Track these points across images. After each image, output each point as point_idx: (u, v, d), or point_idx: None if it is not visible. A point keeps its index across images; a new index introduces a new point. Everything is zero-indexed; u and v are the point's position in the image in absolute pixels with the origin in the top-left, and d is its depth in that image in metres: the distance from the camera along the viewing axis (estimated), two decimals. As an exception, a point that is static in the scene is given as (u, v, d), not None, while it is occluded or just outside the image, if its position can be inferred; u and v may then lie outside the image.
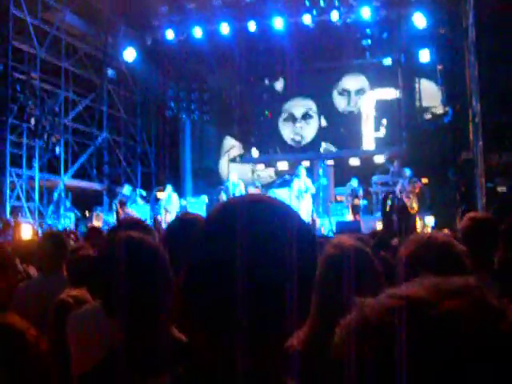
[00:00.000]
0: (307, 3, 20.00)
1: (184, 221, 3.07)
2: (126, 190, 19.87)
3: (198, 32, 21.31)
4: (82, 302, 3.57)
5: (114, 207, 19.66)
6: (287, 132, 24.31)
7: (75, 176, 21.07)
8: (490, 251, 3.91)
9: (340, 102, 23.74)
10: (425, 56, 20.04)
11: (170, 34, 21.63)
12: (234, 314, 1.19)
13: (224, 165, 25.00)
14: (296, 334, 1.39)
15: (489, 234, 4.07)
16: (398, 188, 17.59)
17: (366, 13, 19.71)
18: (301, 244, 1.25)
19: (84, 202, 21.33)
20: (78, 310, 3.11)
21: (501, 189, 16.20)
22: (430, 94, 21.74)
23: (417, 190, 17.36)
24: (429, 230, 15.37)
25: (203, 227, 1.31)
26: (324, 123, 23.87)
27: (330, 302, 2.45)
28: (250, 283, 1.19)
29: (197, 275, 1.26)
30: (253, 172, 24.40)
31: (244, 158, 24.82)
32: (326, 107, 23.82)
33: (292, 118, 24.28)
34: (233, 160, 24.92)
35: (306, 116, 24.14)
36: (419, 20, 19.40)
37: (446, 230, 10.44)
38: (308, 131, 24.08)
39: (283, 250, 1.21)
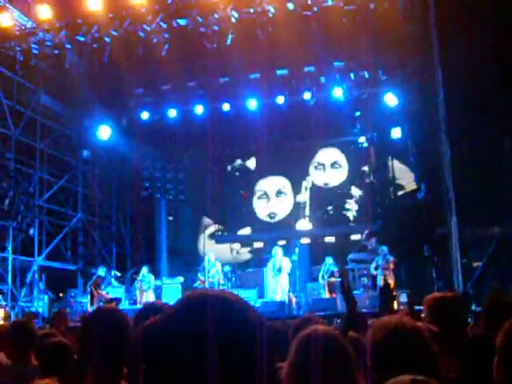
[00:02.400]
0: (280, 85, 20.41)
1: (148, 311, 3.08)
2: (101, 271, 19.69)
3: (172, 112, 21.55)
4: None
5: (89, 289, 19.42)
6: (261, 209, 24.35)
7: (49, 257, 20.80)
8: (457, 330, 3.85)
9: (316, 177, 23.87)
10: (397, 134, 20.38)
11: (145, 115, 21.83)
12: None
13: (202, 243, 24.89)
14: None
15: (454, 313, 4.04)
16: (373, 265, 17.65)
17: (337, 93, 20.09)
18: (261, 336, 1.33)
19: (58, 283, 21.01)
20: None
21: (476, 264, 16.26)
22: (403, 172, 21.98)
23: (391, 266, 17.39)
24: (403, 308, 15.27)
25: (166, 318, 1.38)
26: (302, 199, 23.92)
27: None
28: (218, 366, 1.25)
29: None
30: (231, 250, 24.31)
31: (219, 237, 24.76)
32: (300, 184, 23.95)
33: (266, 196, 24.36)
34: (211, 236, 24.81)
35: (279, 193, 24.24)
36: (390, 99, 19.80)
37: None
38: (282, 208, 24.13)
39: (247, 339, 1.30)
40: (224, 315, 1.33)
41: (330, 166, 23.77)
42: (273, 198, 24.30)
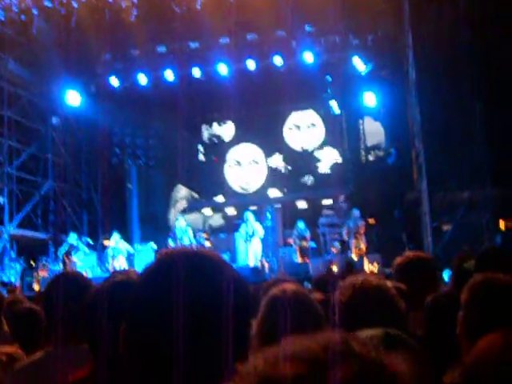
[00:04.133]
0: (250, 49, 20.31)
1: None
2: (71, 238, 19.62)
3: (142, 79, 21.34)
4: (15, 360, 3.47)
5: (60, 256, 19.37)
6: (234, 179, 24.31)
7: (20, 225, 20.67)
8: (426, 290, 3.90)
9: (291, 139, 23.84)
10: (369, 98, 20.37)
11: (114, 81, 21.60)
12: (176, 354, 1.22)
13: (173, 210, 24.87)
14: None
15: (423, 273, 4.10)
16: (344, 230, 17.78)
17: (308, 57, 20.02)
18: (234, 292, 1.31)
19: (29, 251, 20.90)
20: (16, 367, 3.03)
21: (446, 227, 16.45)
22: (374, 134, 22.04)
23: (362, 231, 17.53)
24: (375, 270, 15.48)
25: (141, 278, 1.38)
26: (273, 164, 23.90)
27: (271, 341, 2.44)
28: (189, 327, 1.24)
29: (136, 326, 1.31)
30: (204, 221, 24.30)
31: (190, 204, 24.74)
32: (273, 150, 23.93)
33: (238, 165, 24.32)
34: (183, 211, 24.72)
35: (252, 162, 24.20)
36: (359, 64, 19.79)
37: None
38: (255, 177, 24.11)
39: (217, 297, 1.28)
40: (194, 268, 1.32)
41: (306, 127, 23.72)
42: (245, 166, 24.25)
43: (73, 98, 21.97)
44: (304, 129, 23.72)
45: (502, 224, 15.64)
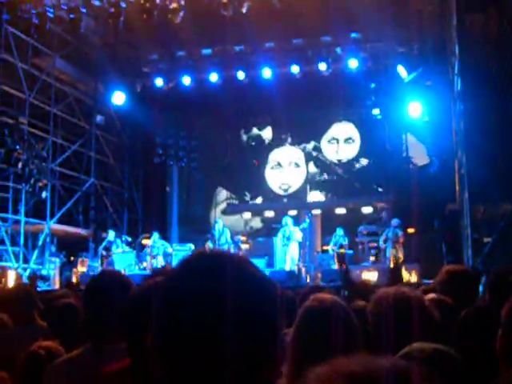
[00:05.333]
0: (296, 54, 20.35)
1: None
2: (110, 235, 19.83)
3: (187, 80, 21.53)
4: (54, 355, 3.51)
5: (100, 253, 19.58)
6: (274, 180, 24.34)
7: (61, 221, 20.95)
8: (467, 303, 3.87)
9: (329, 151, 23.84)
10: (413, 108, 20.18)
11: (159, 81, 21.83)
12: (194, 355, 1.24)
13: (212, 211, 24.97)
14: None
15: (465, 287, 4.07)
16: (382, 238, 17.67)
17: (353, 64, 19.98)
18: (254, 293, 1.32)
19: (69, 247, 21.18)
20: (56, 363, 3.07)
21: (486, 239, 16.22)
22: (415, 146, 21.85)
23: (401, 240, 17.41)
24: (414, 279, 15.37)
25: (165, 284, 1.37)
26: (313, 170, 23.91)
27: (307, 352, 2.47)
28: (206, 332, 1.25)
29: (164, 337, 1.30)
30: (244, 224, 24.36)
31: (230, 205, 24.82)
32: (314, 155, 23.92)
33: (279, 167, 24.35)
34: (223, 212, 24.83)
35: (293, 164, 24.21)
36: (403, 72, 19.66)
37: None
38: (295, 179, 24.11)
39: (243, 305, 1.27)
40: (239, 275, 1.33)
41: (343, 141, 23.69)
42: (286, 168, 24.26)
43: (118, 98, 22.21)
44: (342, 142, 23.68)
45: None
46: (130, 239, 20.64)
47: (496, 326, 2.57)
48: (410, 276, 16.00)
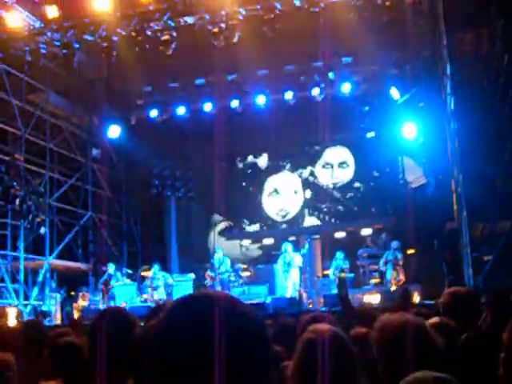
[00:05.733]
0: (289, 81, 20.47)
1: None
2: (110, 268, 19.77)
3: (181, 110, 21.64)
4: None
5: (100, 287, 19.51)
6: (272, 207, 24.33)
7: (60, 256, 20.90)
8: (471, 325, 3.86)
9: (323, 176, 23.85)
10: (407, 130, 20.23)
11: (153, 113, 21.92)
12: None
13: (212, 240, 24.92)
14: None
15: (468, 308, 4.06)
16: (382, 260, 17.65)
17: (346, 88, 20.09)
18: (249, 344, 1.33)
19: (69, 281, 21.10)
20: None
21: (487, 258, 16.20)
22: (411, 167, 21.87)
23: (401, 262, 17.39)
24: (416, 300, 15.33)
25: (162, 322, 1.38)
26: (310, 195, 23.90)
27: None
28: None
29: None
30: (241, 247, 24.32)
31: (229, 233, 24.77)
32: (310, 181, 23.94)
33: (276, 193, 24.34)
34: (221, 233, 24.83)
35: (291, 190, 24.21)
36: (395, 94, 19.76)
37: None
38: (293, 205, 24.10)
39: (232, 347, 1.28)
40: (230, 314, 1.33)
41: (337, 166, 23.72)
42: (284, 194, 24.25)
43: (113, 131, 22.31)
44: (336, 167, 23.71)
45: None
46: (130, 271, 20.59)
47: (497, 349, 2.56)
48: (412, 297, 15.95)
